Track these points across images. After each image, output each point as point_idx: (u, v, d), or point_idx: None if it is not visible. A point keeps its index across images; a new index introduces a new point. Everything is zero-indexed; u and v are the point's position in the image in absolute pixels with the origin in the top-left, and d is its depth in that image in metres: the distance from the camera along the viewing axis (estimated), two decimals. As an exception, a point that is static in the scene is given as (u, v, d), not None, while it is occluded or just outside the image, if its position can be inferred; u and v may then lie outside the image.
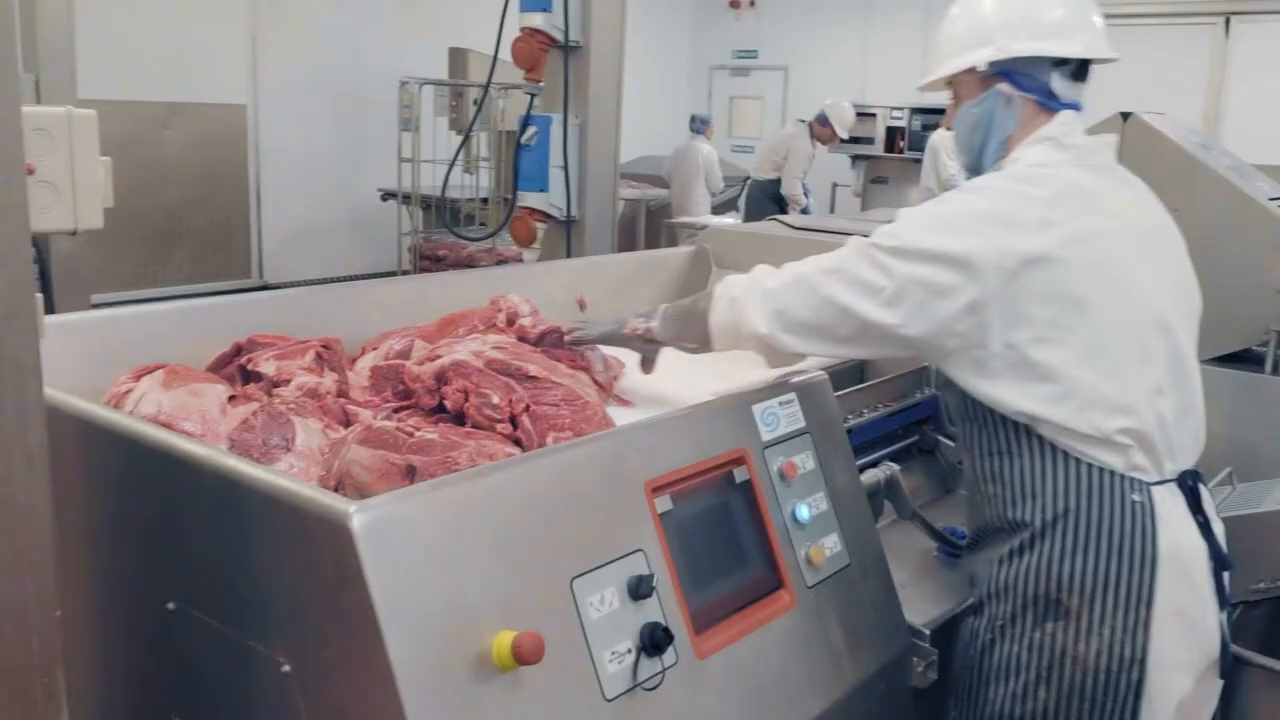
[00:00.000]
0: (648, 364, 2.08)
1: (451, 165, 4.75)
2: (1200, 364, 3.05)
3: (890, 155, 9.92)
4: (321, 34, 8.78)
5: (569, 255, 4.00)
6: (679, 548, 1.55)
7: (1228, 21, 9.23)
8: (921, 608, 1.98)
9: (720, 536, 1.65)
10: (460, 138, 8.36)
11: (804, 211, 8.93)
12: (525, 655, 1.24)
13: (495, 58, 4.22)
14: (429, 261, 7.88)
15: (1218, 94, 9.31)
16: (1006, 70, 1.80)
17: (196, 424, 1.56)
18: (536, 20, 3.77)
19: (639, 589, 1.45)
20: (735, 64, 12.68)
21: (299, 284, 8.71)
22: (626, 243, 8.43)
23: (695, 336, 1.93)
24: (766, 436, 1.77)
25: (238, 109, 8.43)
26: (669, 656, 1.46)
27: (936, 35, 1.92)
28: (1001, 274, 1.62)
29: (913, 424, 2.50)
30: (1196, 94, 9.19)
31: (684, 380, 2.12)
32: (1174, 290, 1.80)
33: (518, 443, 1.59)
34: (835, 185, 10.93)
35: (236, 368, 1.82)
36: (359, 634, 1.21)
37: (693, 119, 9.68)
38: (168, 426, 1.55)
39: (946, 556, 2.20)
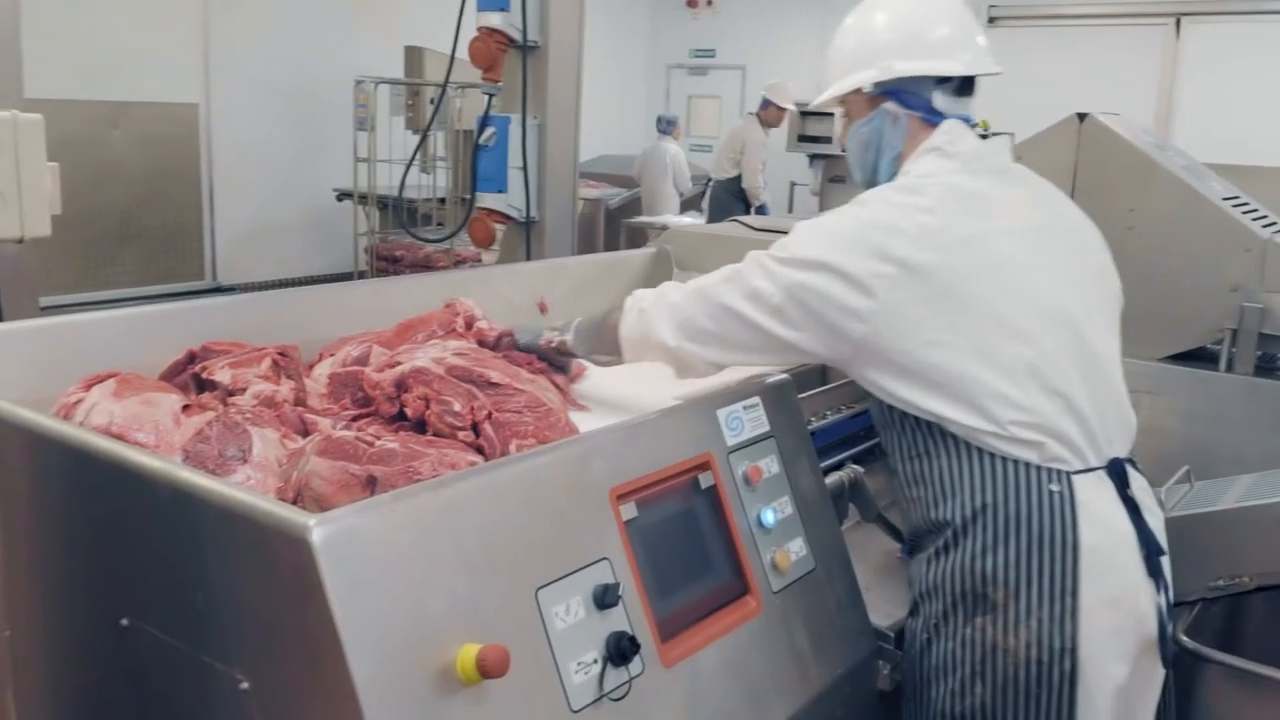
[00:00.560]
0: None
1: (409, 165, 4.71)
2: (1156, 362, 3.11)
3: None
4: (275, 32, 8.67)
5: (528, 256, 3.98)
6: (644, 555, 1.54)
7: (1178, 22, 9.36)
8: (886, 610, 1.98)
9: (685, 543, 1.64)
10: (417, 137, 8.31)
11: (760, 208, 8.92)
12: (490, 668, 1.23)
13: (453, 57, 4.19)
14: (386, 262, 7.81)
15: (1169, 93, 9.44)
16: (892, 90, 1.86)
17: (150, 435, 1.52)
18: (494, 20, 3.75)
19: (605, 598, 1.43)
20: (693, 63, 12.68)
21: (253, 286, 8.61)
22: (586, 243, 8.39)
23: (608, 349, 1.97)
24: (731, 441, 1.76)
25: (189, 108, 8.29)
26: (635, 666, 1.45)
27: (828, 52, 1.96)
28: (884, 281, 1.67)
29: (874, 424, 2.49)
30: (1148, 93, 9.31)
31: (642, 384, 2.11)
32: (1077, 284, 1.83)
33: (480, 451, 1.57)
34: (793, 184, 10.95)
35: (190, 376, 1.78)
36: (320, 650, 1.19)
37: (659, 119, 9.71)
38: (120, 438, 1.51)
39: (909, 558, 2.20)
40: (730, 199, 8.95)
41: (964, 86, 1.90)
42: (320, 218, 9.09)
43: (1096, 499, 1.72)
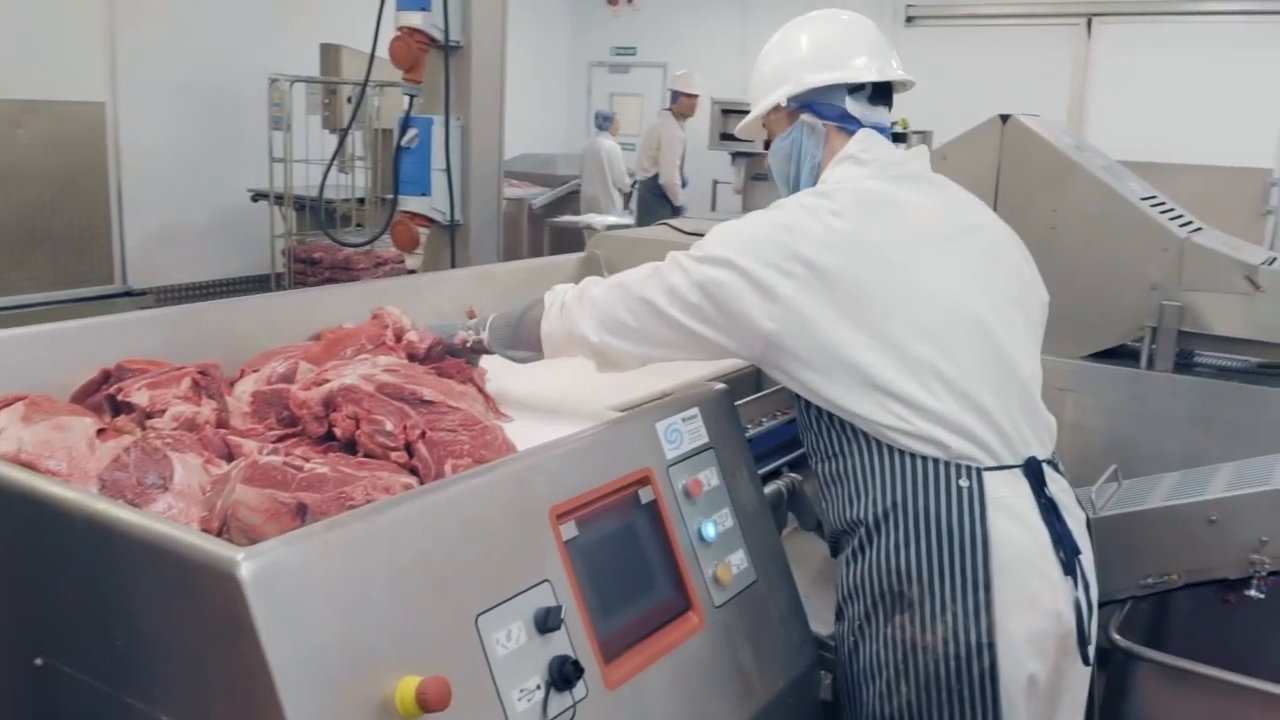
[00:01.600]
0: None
1: (329, 166, 4.62)
2: (1080, 360, 3.16)
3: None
4: (185, 28, 8.42)
5: (453, 260, 3.91)
6: (585, 575, 1.50)
7: (1089, 22, 9.58)
8: (826, 618, 1.97)
9: (627, 560, 1.61)
10: (334, 136, 8.15)
11: (679, 209, 8.89)
12: (431, 702, 1.18)
13: (372, 55, 4.10)
14: (304, 265, 7.63)
15: (1081, 93, 9.66)
16: (808, 102, 1.94)
17: (62, 462, 1.44)
18: (415, 19, 3.67)
19: (547, 621, 1.40)
20: (614, 61, 12.65)
21: (166, 289, 8.37)
22: (511, 244, 8.31)
23: (527, 344, 1.98)
24: (670, 454, 1.73)
25: (95, 107, 8.01)
26: (579, 690, 1.42)
27: (750, 80, 2.07)
28: (792, 281, 1.72)
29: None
30: (1061, 92, 9.51)
31: (562, 385, 2.09)
32: (989, 288, 1.85)
33: (414, 472, 1.52)
34: (716, 182, 10.97)
35: (105, 397, 1.69)
36: (251, 689, 1.13)
37: (596, 115, 9.70)
38: (30, 466, 1.42)
39: (847, 563, 2.20)
40: (654, 198, 8.93)
41: (877, 95, 1.96)
42: (235, 219, 8.87)
43: (1009, 496, 1.73)
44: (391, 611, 1.24)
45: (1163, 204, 3.51)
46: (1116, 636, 2.22)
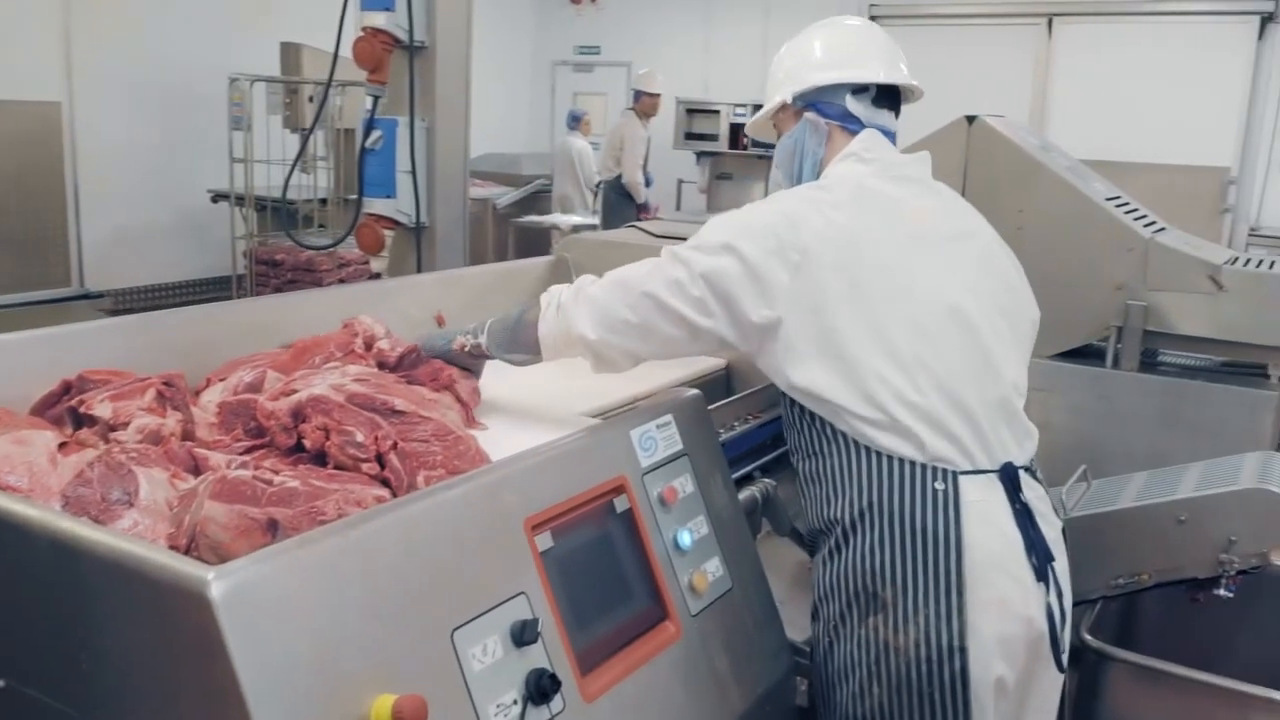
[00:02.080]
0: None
1: (293, 167, 4.56)
2: (1047, 359, 3.18)
3: (735, 152, 10.01)
4: (142, 27, 8.30)
5: (419, 263, 3.87)
6: (561, 587, 1.48)
7: (1050, 22, 9.66)
8: (801, 624, 1.96)
9: (603, 571, 1.59)
10: (295, 136, 8.07)
11: (643, 204, 8.86)
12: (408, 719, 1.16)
13: (335, 56, 4.05)
14: (265, 266, 7.54)
15: (1043, 92, 9.74)
16: (813, 101, 2.01)
17: (23, 478, 1.40)
18: (379, 20, 3.63)
19: (523, 635, 1.38)
20: (578, 60, 12.61)
21: (124, 291, 8.25)
22: (476, 243, 8.27)
23: (525, 347, 1.98)
24: (645, 462, 1.72)
25: (51, 106, 7.88)
26: (556, 703, 1.40)
27: (764, 85, 2.13)
28: (789, 269, 1.75)
29: (782, 433, 2.48)
30: (1023, 92, 9.59)
31: (539, 398, 2.08)
32: (979, 293, 1.87)
33: (386, 483, 1.49)
34: (680, 181, 10.97)
35: (66, 410, 1.65)
36: (223, 711, 1.11)
37: (568, 115, 9.70)
38: (-11, 482, 1.39)
39: (820, 567, 2.20)
40: (618, 198, 8.91)
41: (882, 99, 2.00)
42: (194, 220, 8.75)
43: (983, 500, 1.74)
44: (366, 628, 1.22)
45: (1126, 204, 3.54)
46: (1087, 636, 2.23)
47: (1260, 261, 3.33)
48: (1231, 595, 2.13)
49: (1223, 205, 8.71)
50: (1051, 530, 1.81)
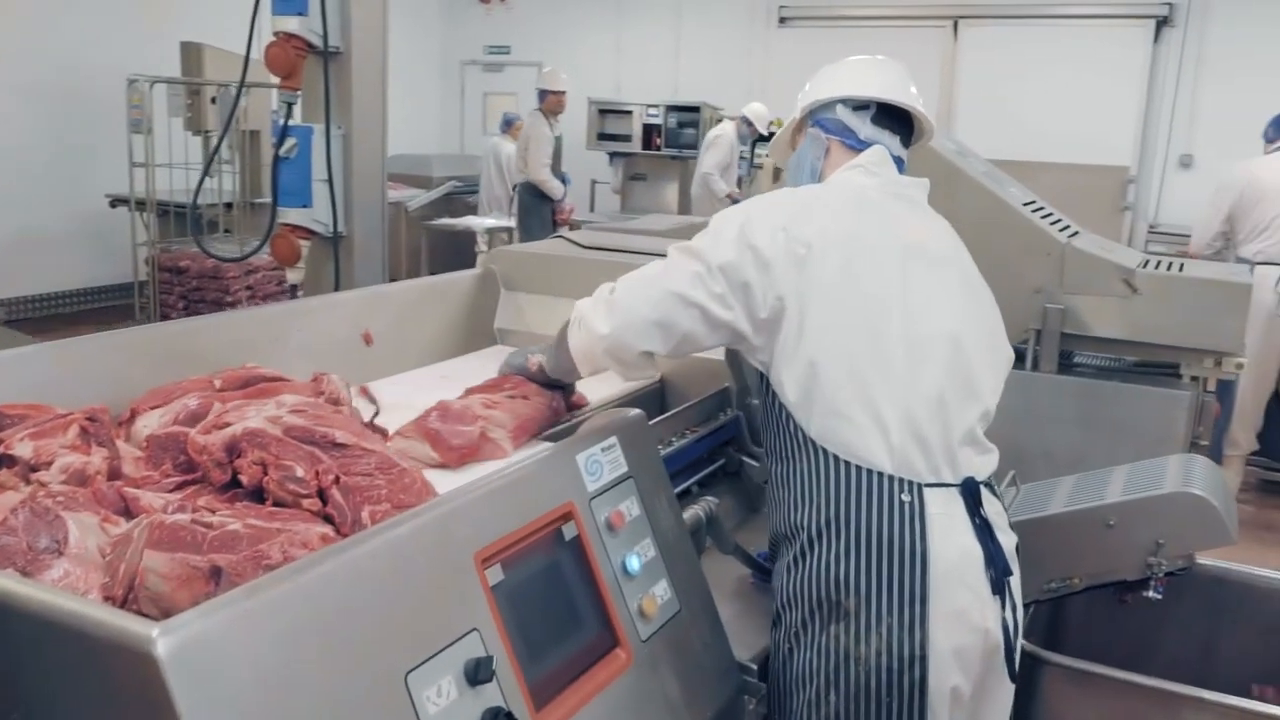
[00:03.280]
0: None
1: (205, 172, 4.45)
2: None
3: (648, 152, 10.02)
4: (35, 26, 8.00)
5: (337, 273, 3.78)
6: (513, 620, 1.45)
7: (956, 25, 9.85)
8: (747, 641, 1.95)
9: (554, 601, 1.56)
10: (197, 138, 7.84)
11: (560, 200, 8.77)
12: (365, 772, 1.12)
13: (247, 59, 3.94)
14: (169, 274, 7.32)
15: (950, 94, 9.94)
16: (819, 119, 2.08)
17: (-61, 528, 1.32)
18: (292, 24, 3.53)
19: (478, 674, 1.34)
20: (488, 60, 12.49)
21: (21, 300, 7.95)
22: (390, 248, 8.13)
23: (567, 365, 2.05)
24: (592, 487, 1.69)
25: (-62, 109, 7.57)
26: (512, 741, 1.36)
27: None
28: (795, 260, 1.79)
29: (718, 446, 2.48)
30: (931, 93, 9.76)
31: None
32: (966, 315, 1.91)
33: (329, 520, 1.44)
34: (594, 182, 10.95)
35: (-18, 449, 1.56)
36: (171, 774, 1.05)
37: (502, 118, 9.72)
38: (-98, 533, 1.30)
39: (761, 583, 2.19)
40: (532, 199, 8.81)
41: (883, 119, 2.04)
42: (93, 226, 8.47)
43: (946, 514, 1.76)
44: (319, 679, 1.17)
45: (1042, 209, 3.62)
46: (1022, 641, 2.26)
47: (1170, 264, 3.43)
48: (1160, 597, 2.18)
49: (1123, 203, 8.99)
50: (1008, 541, 1.85)
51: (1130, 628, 2.61)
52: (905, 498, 1.74)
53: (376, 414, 2.07)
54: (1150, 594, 2.19)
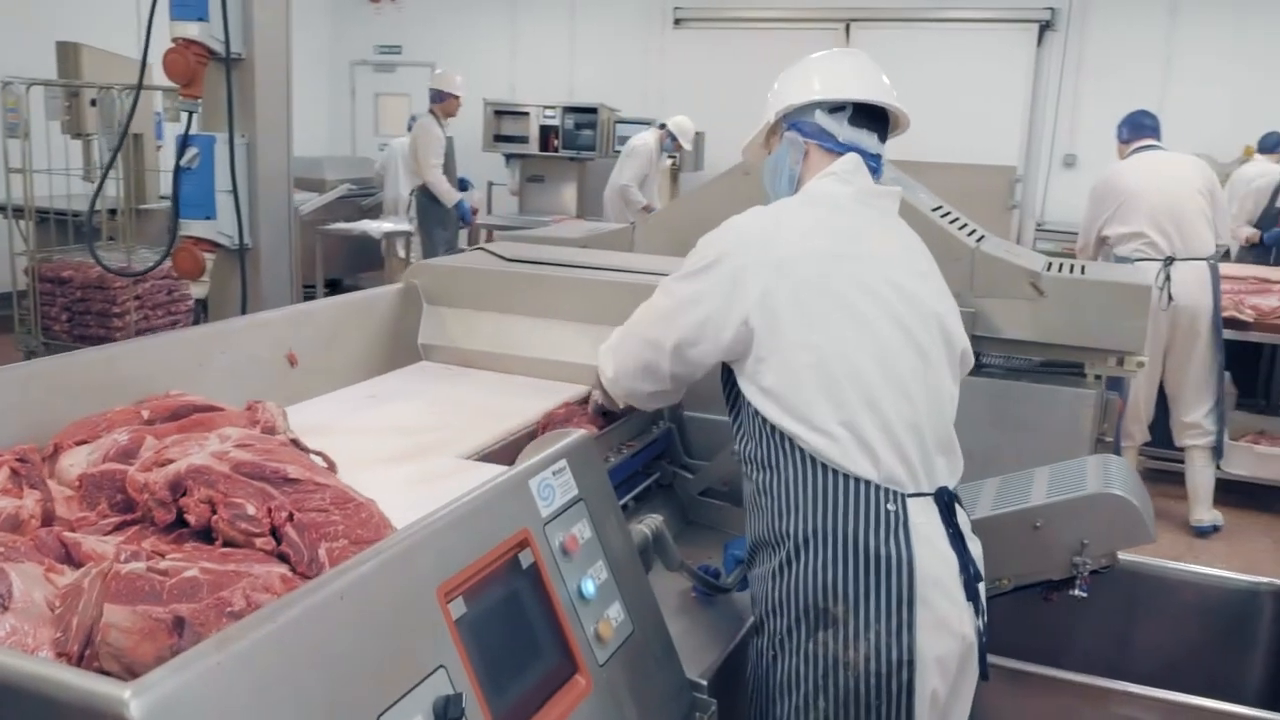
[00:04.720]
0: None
1: (102, 180, 4.28)
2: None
3: (545, 154, 9.97)
4: (-107, 25, 7.58)
5: (244, 285, 3.67)
6: (478, 654, 1.42)
7: (848, 27, 10.04)
8: (696, 657, 1.97)
9: (514, 631, 1.54)
10: (76, 141, 7.53)
11: (460, 207, 8.61)
12: (345, 824, 1.09)
13: (144, 62, 3.79)
14: (51, 284, 7.01)
15: (843, 95, 10.11)
16: (793, 121, 2.07)
17: None
18: (192, 30, 3.41)
19: (447, 711, 1.31)
20: (378, 59, 12.27)
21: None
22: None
23: (608, 399, 2.26)
24: (545, 512, 1.67)
25: None
26: (483, 778, 1.34)
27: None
28: (763, 278, 1.84)
29: (652, 460, 2.48)
30: (824, 96, 9.92)
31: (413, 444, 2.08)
32: (932, 328, 1.96)
33: (284, 559, 1.39)
34: (491, 184, 10.85)
35: (-96, 495, 1.47)
36: (146, 843, 1.00)
37: (409, 119, 9.50)
38: None
39: (703, 596, 2.20)
40: (428, 202, 8.66)
41: (860, 119, 2.04)
42: (-35, 234, 8.04)
43: (926, 523, 1.82)
44: (294, 729, 1.14)
45: (949, 214, 3.70)
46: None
47: (1074, 267, 3.55)
48: (1086, 595, 2.25)
49: (1011, 202, 9.29)
50: (975, 549, 1.92)
51: (1047, 624, 2.69)
52: (890, 507, 1.78)
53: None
54: (1076, 592, 2.26)
